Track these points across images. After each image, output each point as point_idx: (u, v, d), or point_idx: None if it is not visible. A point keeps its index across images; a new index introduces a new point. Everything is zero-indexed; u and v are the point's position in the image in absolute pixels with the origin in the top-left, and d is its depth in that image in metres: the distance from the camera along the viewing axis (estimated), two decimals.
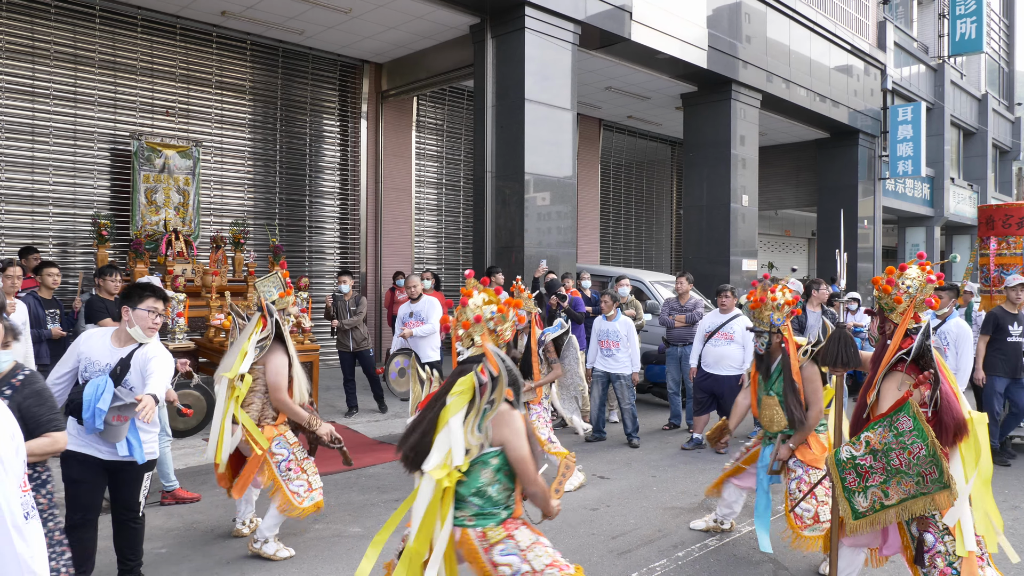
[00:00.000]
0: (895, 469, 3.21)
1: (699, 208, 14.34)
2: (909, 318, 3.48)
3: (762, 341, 4.62)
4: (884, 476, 3.24)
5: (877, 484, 3.26)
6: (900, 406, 3.21)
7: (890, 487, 3.24)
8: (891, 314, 3.56)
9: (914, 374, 3.36)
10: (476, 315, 3.08)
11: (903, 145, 18.74)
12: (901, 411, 3.19)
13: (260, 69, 11.58)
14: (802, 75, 15.28)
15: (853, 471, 3.33)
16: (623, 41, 11.36)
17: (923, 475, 3.15)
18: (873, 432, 3.27)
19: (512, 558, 2.81)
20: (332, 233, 12.60)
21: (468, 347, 3.08)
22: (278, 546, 4.72)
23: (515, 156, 10.10)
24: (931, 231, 23.19)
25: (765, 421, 4.67)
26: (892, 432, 3.19)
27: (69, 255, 9.79)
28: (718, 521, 5.28)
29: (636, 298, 9.63)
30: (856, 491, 3.33)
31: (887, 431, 3.20)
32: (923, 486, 3.17)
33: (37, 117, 9.51)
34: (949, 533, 3.22)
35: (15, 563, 1.76)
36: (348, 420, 8.64)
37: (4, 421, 1.87)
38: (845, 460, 3.35)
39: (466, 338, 3.09)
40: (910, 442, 3.15)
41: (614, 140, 17.70)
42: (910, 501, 3.21)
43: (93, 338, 3.89)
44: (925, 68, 22.05)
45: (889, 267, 3.61)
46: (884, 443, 3.21)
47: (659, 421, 9.00)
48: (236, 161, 11.43)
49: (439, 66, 11.75)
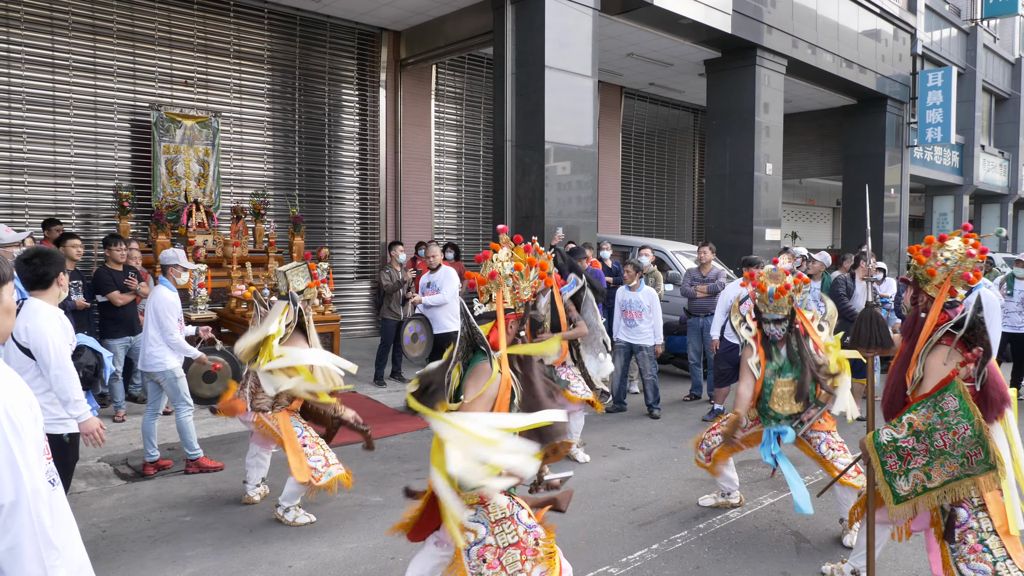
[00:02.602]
0: (939, 450, 3.10)
1: (722, 177, 14.13)
2: (946, 292, 3.35)
3: (782, 327, 4.50)
4: (927, 458, 3.13)
5: (920, 467, 3.15)
6: (946, 385, 3.09)
7: (933, 469, 3.13)
8: (925, 286, 3.42)
9: (959, 349, 3.23)
10: (491, 271, 2.99)
11: (932, 112, 18.31)
12: (947, 390, 3.07)
13: (278, 38, 11.50)
14: (829, 40, 14.92)
15: (895, 454, 3.21)
16: (645, 6, 11.13)
17: (968, 456, 3.05)
18: (916, 413, 3.16)
19: (479, 526, 2.79)
20: (352, 203, 12.57)
21: (485, 302, 3.01)
22: (297, 513, 4.80)
23: (535, 124, 9.98)
24: (960, 200, 22.74)
25: (776, 404, 4.52)
26: (937, 412, 3.07)
27: (92, 226, 9.85)
28: (725, 496, 5.22)
29: (658, 268, 9.54)
30: (898, 474, 3.21)
31: (931, 411, 3.09)
32: (968, 467, 3.06)
33: (58, 89, 9.52)
34: (983, 510, 3.13)
35: (32, 533, 1.76)
36: (371, 390, 8.68)
37: (22, 390, 1.86)
38: (886, 443, 3.24)
39: (484, 293, 3.02)
40: (955, 422, 3.04)
41: (635, 108, 17.45)
42: (954, 483, 3.10)
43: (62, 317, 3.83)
44: (957, 31, 21.46)
45: (929, 236, 3.45)
46: (928, 424, 3.09)
47: (680, 392, 8.95)
48: (255, 131, 11.40)
49: (458, 33, 11.60)
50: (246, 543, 4.50)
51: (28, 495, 1.75)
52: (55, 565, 1.81)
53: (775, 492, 5.54)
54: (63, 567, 1.84)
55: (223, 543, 4.49)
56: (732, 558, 4.40)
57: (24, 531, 1.74)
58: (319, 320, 8.23)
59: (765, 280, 4.49)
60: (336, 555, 4.35)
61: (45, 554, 1.78)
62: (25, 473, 1.76)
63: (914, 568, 4.31)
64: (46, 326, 3.60)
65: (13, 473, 1.74)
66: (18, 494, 1.74)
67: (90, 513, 4.90)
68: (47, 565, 1.78)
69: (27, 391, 1.88)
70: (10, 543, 1.74)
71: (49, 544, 1.79)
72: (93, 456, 6.07)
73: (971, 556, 3.10)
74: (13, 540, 1.74)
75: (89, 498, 5.19)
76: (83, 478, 5.56)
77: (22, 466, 1.75)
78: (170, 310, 5.60)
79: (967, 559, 3.11)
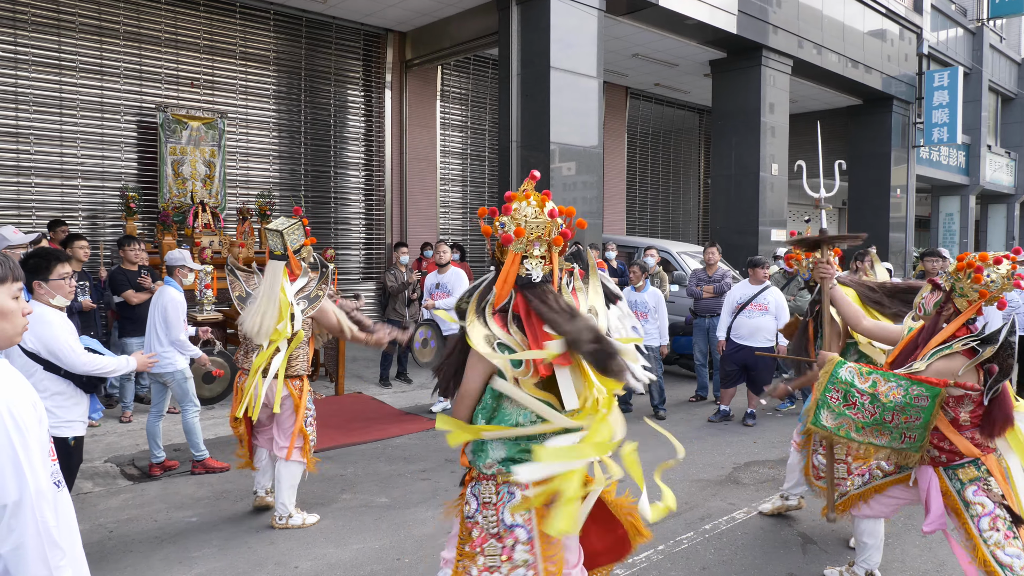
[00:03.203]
0: (883, 422, 3.23)
1: (727, 177, 14.10)
2: (975, 309, 3.33)
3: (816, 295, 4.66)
4: (868, 420, 3.24)
5: (855, 419, 3.27)
6: (932, 386, 3.14)
7: (867, 429, 3.27)
8: (958, 298, 3.35)
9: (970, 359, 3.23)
10: (565, 231, 2.67)
11: (938, 112, 18.25)
12: (928, 391, 3.14)
13: (283, 39, 11.52)
14: (835, 40, 14.89)
15: (842, 393, 3.30)
16: (650, 6, 11.11)
17: (903, 435, 3.25)
18: (885, 381, 3.22)
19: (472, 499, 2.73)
20: (357, 204, 12.58)
21: (537, 266, 2.63)
22: (303, 516, 4.79)
23: (540, 125, 9.97)
24: (966, 200, 22.65)
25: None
26: (906, 398, 3.16)
27: (98, 227, 9.87)
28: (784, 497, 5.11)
29: (663, 269, 9.53)
30: (832, 408, 3.32)
31: (900, 392, 3.17)
32: (897, 442, 3.27)
33: (64, 90, 9.55)
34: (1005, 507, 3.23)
35: (36, 533, 1.76)
36: (376, 391, 8.69)
37: (26, 391, 1.86)
38: (842, 379, 3.31)
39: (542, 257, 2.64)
40: (914, 413, 3.17)
41: (641, 108, 17.43)
42: (875, 448, 3.32)
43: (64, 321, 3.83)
44: (963, 31, 21.38)
45: (983, 254, 3.36)
46: (891, 401, 3.17)
47: (686, 393, 8.94)
48: (261, 132, 11.42)
49: (463, 34, 11.60)
50: (252, 544, 4.51)
51: (32, 495, 1.76)
52: (60, 565, 1.81)
53: None
54: (68, 567, 1.85)
55: (229, 544, 4.50)
56: (738, 559, 4.39)
57: (28, 531, 1.75)
58: None
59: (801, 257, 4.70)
60: (342, 556, 4.35)
61: (50, 554, 1.78)
62: (29, 473, 1.76)
63: (921, 569, 4.30)
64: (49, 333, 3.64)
65: (17, 473, 1.75)
66: (22, 494, 1.75)
67: (97, 514, 4.92)
68: (52, 565, 1.79)
69: (31, 392, 1.89)
70: (14, 543, 1.74)
71: (54, 544, 1.80)
72: (100, 456, 6.09)
73: (1005, 542, 3.18)
74: (17, 540, 1.74)
75: (96, 499, 5.20)
76: (90, 478, 5.57)
77: (26, 466, 1.76)
78: (178, 310, 5.62)
79: (1002, 545, 3.17)
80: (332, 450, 6.43)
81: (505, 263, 2.65)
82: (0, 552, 1.74)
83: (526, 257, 2.61)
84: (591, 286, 2.79)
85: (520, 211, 2.63)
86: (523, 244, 2.60)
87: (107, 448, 6.33)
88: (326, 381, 9.07)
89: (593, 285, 2.80)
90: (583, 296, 2.74)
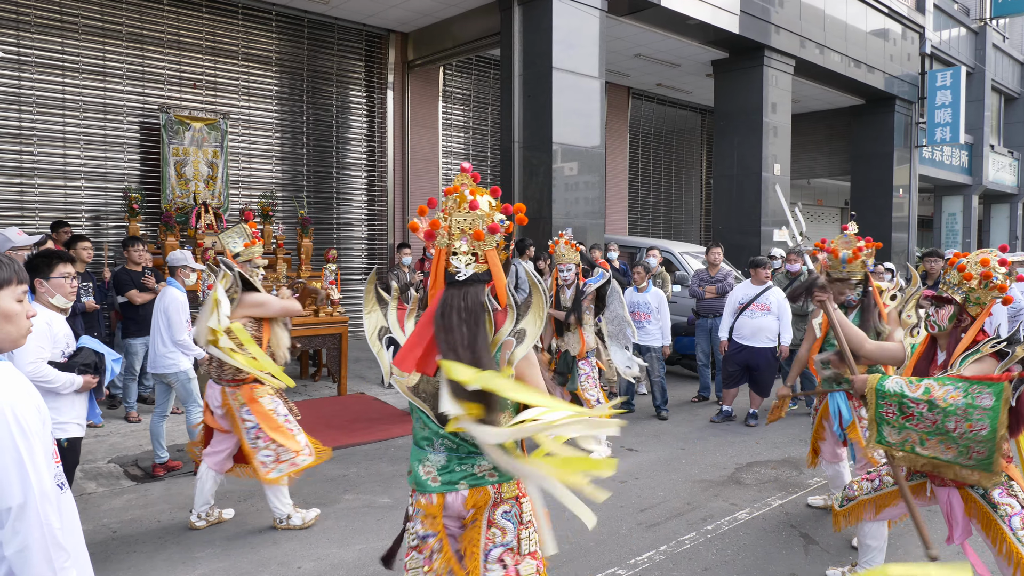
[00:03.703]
0: (946, 431, 2.99)
1: (729, 177, 14.10)
2: (988, 312, 3.28)
3: (857, 291, 4.64)
4: (931, 430, 3.02)
5: (918, 431, 3.06)
6: (992, 383, 2.95)
7: (930, 440, 3.04)
8: (972, 306, 3.28)
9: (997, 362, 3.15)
10: (492, 224, 2.40)
11: (941, 111, 18.24)
12: (989, 387, 2.94)
13: (286, 40, 11.54)
14: (837, 40, 14.88)
15: (896, 406, 3.10)
16: (652, 7, 11.12)
17: (970, 450, 2.97)
18: (941, 387, 3.02)
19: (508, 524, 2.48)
20: (360, 205, 12.60)
21: (468, 263, 2.41)
22: (302, 515, 4.76)
23: (542, 126, 9.98)
24: (969, 200, 22.62)
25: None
26: (966, 399, 2.94)
27: (101, 228, 9.90)
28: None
29: (665, 269, 9.53)
30: (891, 424, 3.13)
31: (960, 395, 2.96)
32: (964, 458, 3.00)
33: (67, 91, 9.58)
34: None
35: (40, 535, 1.77)
36: (379, 392, 8.69)
37: (31, 393, 1.87)
38: (891, 393, 3.11)
39: (469, 252, 2.41)
40: (978, 418, 2.92)
41: (643, 109, 17.43)
42: (943, 464, 3.08)
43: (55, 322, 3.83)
44: (966, 31, 21.36)
45: (985, 259, 3.28)
46: (950, 405, 2.96)
47: (688, 393, 8.94)
48: (263, 133, 11.44)
49: (465, 35, 11.62)
50: (255, 544, 4.51)
51: (36, 497, 1.77)
52: (65, 567, 1.82)
53: (783, 494, 5.53)
54: (72, 569, 1.86)
55: (232, 544, 4.51)
56: (740, 560, 4.39)
57: (33, 533, 1.76)
58: (327, 321, 8.25)
59: (838, 245, 4.61)
60: (345, 556, 4.36)
61: (54, 556, 1.79)
62: (33, 476, 1.77)
63: None
64: None
65: (21, 475, 1.76)
66: (26, 496, 1.76)
67: (100, 514, 4.93)
68: (56, 567, 1.80)
69: (36, 394, 1.90)
70: (19, 545, 1.75)
71: (58, 546, 1.81)
72: (103, 457, 6.11)
73: None
74: (23, 542, 1.75)
75: (99, 499, 5.21)
76: (93, 479, 5.59)
77: (30, 469, 1.77)
78: (180, 311, 5.63)
79: None
80: (334, 450, 6.43)
81: (433, 259, 2.53)
82: (5, 554, 1.76)
83: (454, 254, 2.44)
84: (531, 310, 2.40)
85: (447, 205, 2.49)
86: (445, 239, 2.45)
87: (110, 449, 6.35)
88: (329, 381, 9.08)
89: (535, 309, 2.39)
90: (511, 316, 2.41)
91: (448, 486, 2.44)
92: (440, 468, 2.45)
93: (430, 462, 2.46)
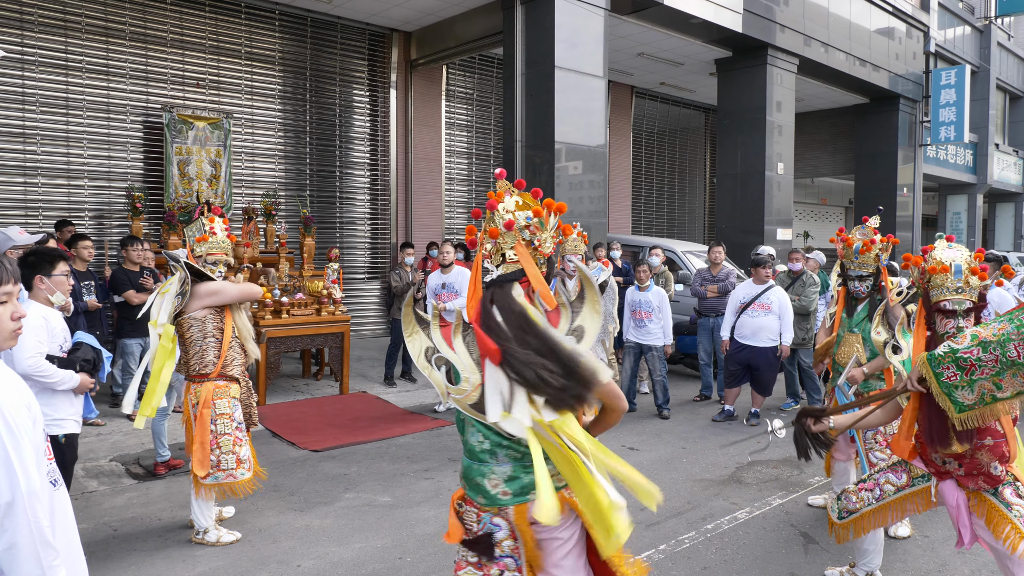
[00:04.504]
0: (1011, 360, 2.83)
1: (733, 176, 14.08)
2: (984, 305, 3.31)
3: (867, 284, 4.69)
4: (997, 368, 2.88)
5: (987, 376, 2.91)
6: None
7: (1004, 379, 2.88)
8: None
9: None
10: (507, 220, 2.39)
11: (946, 110, 18.18)
12: None
13: (289, 39, 11.55)
14: (841, 38, 14.84)
15: (953, 365, 2.97)
16: (655, 5, 11.10)
17: None
18: (985, 328, 2.93)
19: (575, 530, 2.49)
20: (362, 204, 12.61)
21: (498, 264, 2.41)
22: (219, 534, 4.53)
23: (545, 125, 9.98)
24: (973, 199, 22.56)
25: (842, 358, 4.73)
26: (1014, 324, 2.82)
27: (105, 228, 9.93)
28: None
29: (668, 268, 9.53)
30: (959, 386, 2.98)
31: (1007, 323, 2.85)
32: None
33: (71, 91, 9.60)
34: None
35: (28, 533, 1.78)
36: (381, 390, 8.70)
37: (20, 391, 1.87)
38: (942, 355, 3.00)
39: (495, 253, 2.41)
40: None
41: (646, 107, 17.41)
42: None
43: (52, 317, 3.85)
44: (970, 29, 21.29)
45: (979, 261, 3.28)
46: (1002, 335, 2.83)
47: (690, 392, 8.93)
48: (266, 132, 11.46)
49: (468, 34, 11.61)
50: (255, 542, 4.53)
51: (24, 495, 1.77)
52: (54, 565, 1.82)
53: (784, 493, 5.53)
54: (62, 567, 1.86)
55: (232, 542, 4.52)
56: (740, 559, 4.39)
57: (21, 531, 1.77)
58: (329, 320, 8.27)
59: (853, 235, 4.70)
60: (345, 554, 4.37)
61: (43, 554, 1.80)
62: (21, 474, 1.77)
63: (923, 570, 4.29)
64: None
65: (8, 473, 1.76)
66: (14, 494, 1.76)
67: (102, 512, 4.94)
68: (45, 565, 1.80)
69: (27, 392, 1.90)
70: (7, 543, 1.76)
71: (47, 544, 1.81)
72: (105, 455, 6.13)
73: None
74: (10, 540, 1.76)
75: (101, 497, 5.23)
76: (95, 477, 5.61)
77: (18, 467, 1.77)
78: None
79: None
80: (336, 449, 6.45)
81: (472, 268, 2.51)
82: None
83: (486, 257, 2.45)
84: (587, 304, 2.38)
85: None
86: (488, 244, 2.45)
87: (112, 447, 6.37)
88: (331, 380, 9.10)
89: (590, 304, 2.39)
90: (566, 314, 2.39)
91: (520, 497, 2.38)
92: (507, 479, 2.38)
93: (495, 475, 2.39)
